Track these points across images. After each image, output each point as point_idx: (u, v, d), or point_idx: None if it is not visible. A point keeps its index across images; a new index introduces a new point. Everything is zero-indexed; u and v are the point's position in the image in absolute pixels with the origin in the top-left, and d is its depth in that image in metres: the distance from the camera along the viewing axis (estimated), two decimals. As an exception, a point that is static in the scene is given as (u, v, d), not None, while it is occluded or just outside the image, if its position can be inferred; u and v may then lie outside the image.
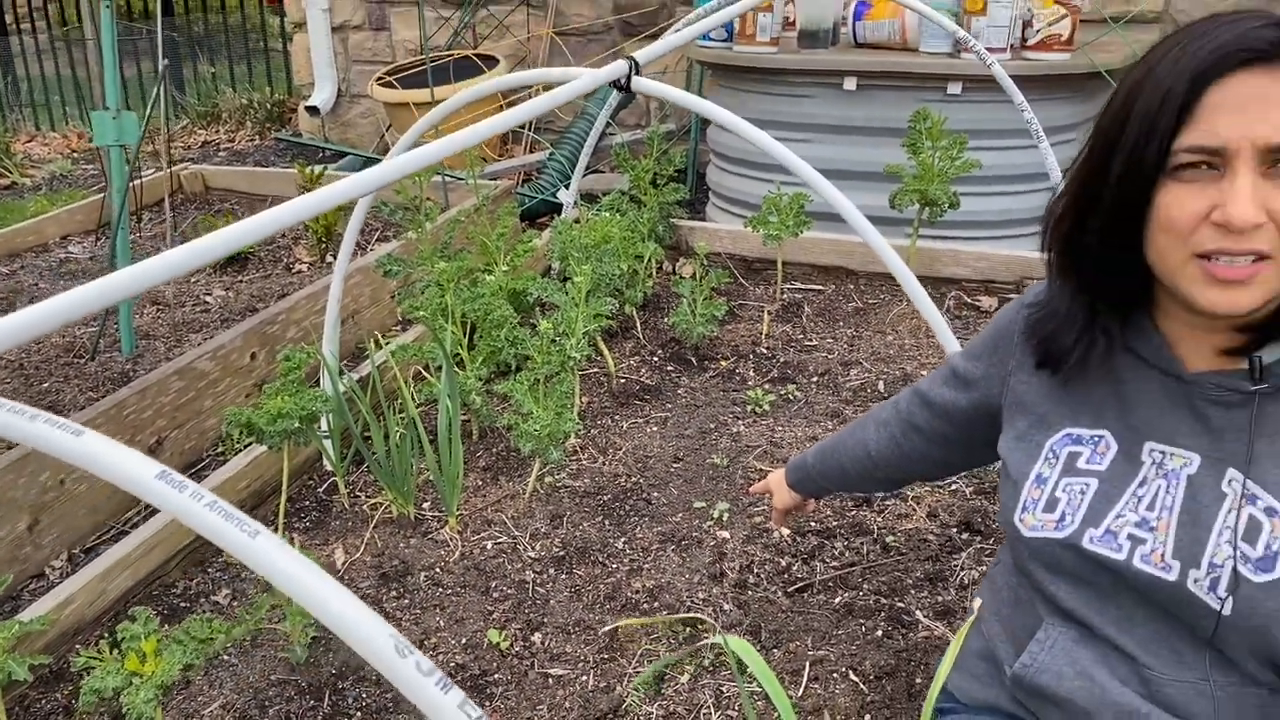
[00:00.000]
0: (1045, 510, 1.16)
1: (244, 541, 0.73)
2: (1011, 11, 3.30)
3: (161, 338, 3.28)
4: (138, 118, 3.06)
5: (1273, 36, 0.94)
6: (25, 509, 2.23)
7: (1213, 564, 1.04)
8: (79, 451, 0.76)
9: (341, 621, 0.72)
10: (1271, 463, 1.04)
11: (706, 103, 1.87)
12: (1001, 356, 1.27)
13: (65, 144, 6.65)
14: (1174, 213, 0.98)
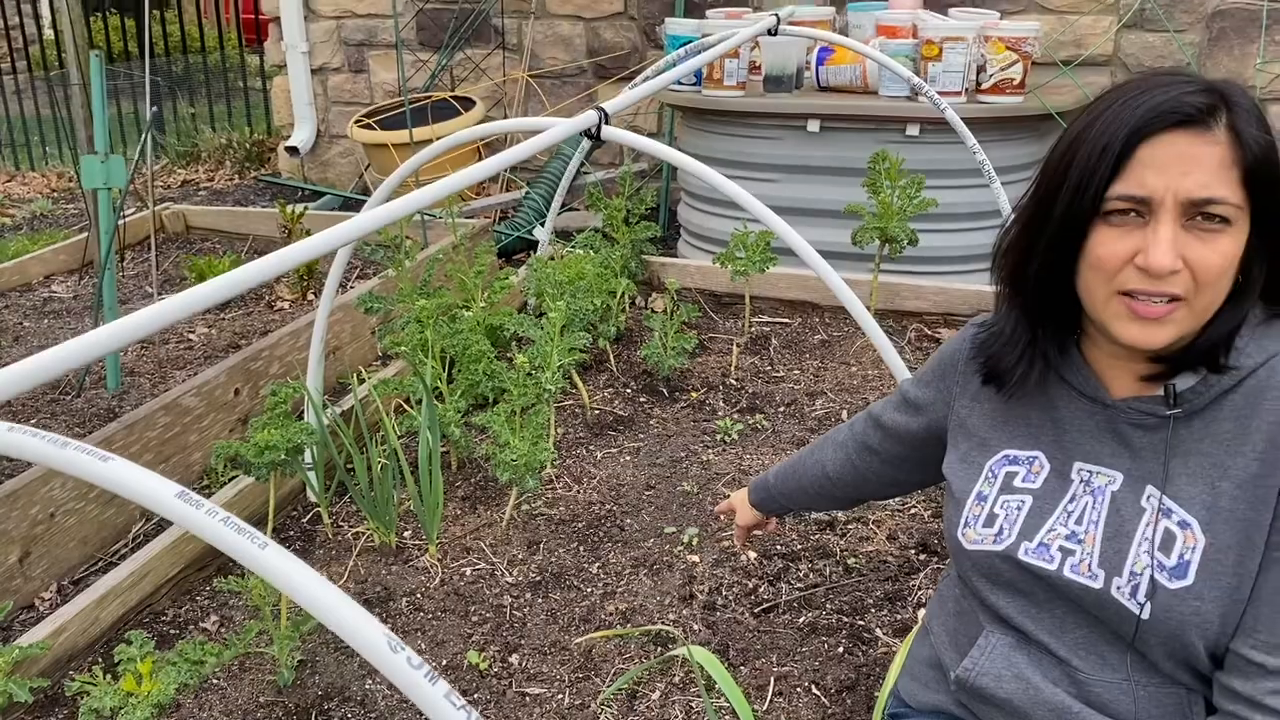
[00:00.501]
0: (985, 525, 1.26)
1: (254, 552, 0.82)
2: (966, 58, 3.46)
3: (146, 374, 3.36)
4: (125, 161, 3.15)
5: (1201, 103, 1.05)
6: (16, 541, 2.30)
7: (1133, 572, 1.15)
8: (107, 475, 0.86)
9: (341, 623, 0.82)
10: (1185, 480, 1.15)
11: (672, 150, 1.99)
12: (947, 384, 1.38)
13: (45, 184, 6.72)
14: (1102, 253, 1.10)
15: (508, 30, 5.14)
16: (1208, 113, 1.06)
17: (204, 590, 2.28)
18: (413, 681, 0.81)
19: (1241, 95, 1.09)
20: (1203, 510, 1.13)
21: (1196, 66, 4.22)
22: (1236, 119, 1.06)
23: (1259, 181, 1.06)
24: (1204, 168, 1.05)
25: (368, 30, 5.36)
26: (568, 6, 5.01)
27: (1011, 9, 4.38)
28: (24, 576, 2.33)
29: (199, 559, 2.32)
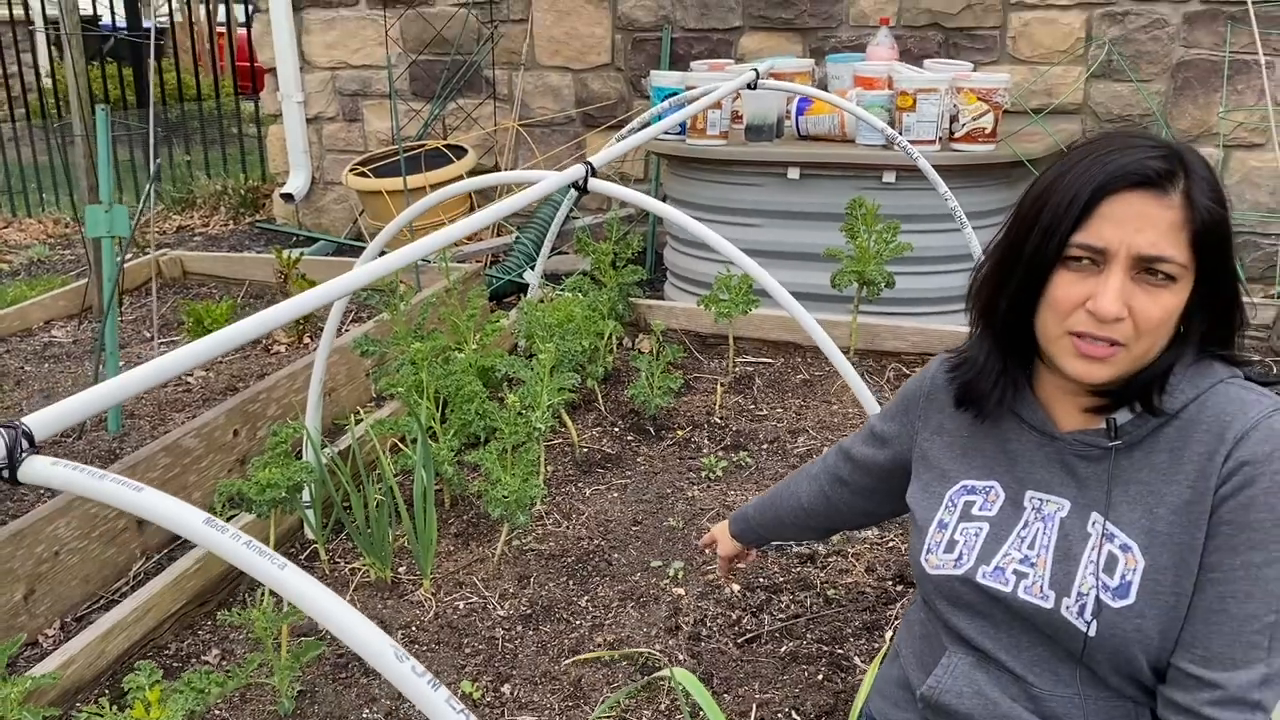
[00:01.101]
0: (946, 551, 1.36)
1: (274, 572, 0.92)
2: (939, 108, 3.60)
3: (146, 416, 3.44)
4: (128, 211, 3.26)
5: (1162, 168, 1.16)
6: (22, 579, 2.37)
7: (1080, 593, 1.25)
8: (140, 503, 0.95)
9: (353, 635, 0.91)
10: (1125, 506, 1.25)
11: (653, 200, 2.10)
12: (910, 418, 1.49)
13: (42, 230, 6.81)
14: (1059, 294, 1.21)
15: (498, 81, 5.29)
16: (1166, 178, 1.16)
17: (205, 625, 2.35)
18: (417, 687, 0.90)
19: (1200, 165, 1.20)
20: (1142, 534, 1.22)
21: (1162, 115, 4.39)
22: (1192, 186, 1.17)
23: (1206, 246, 1.17)
24: (1157, 228, 1.16)
25: (362, 81, 5.51)
26: (557, 59, 5.16)
27: (984, 60, 4.55)
28: (29, 614, 2.40)
29: (200, 595, 2.40)
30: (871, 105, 3.72)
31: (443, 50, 5.30)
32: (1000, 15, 4.52)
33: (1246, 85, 4.27)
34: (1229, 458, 1.19)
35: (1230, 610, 1.18)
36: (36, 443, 1.00)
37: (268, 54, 5.59)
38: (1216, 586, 1.19)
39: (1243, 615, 1.17)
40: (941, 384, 1.45)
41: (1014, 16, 4.50)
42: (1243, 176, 4.39)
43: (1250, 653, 1.17)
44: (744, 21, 4.86)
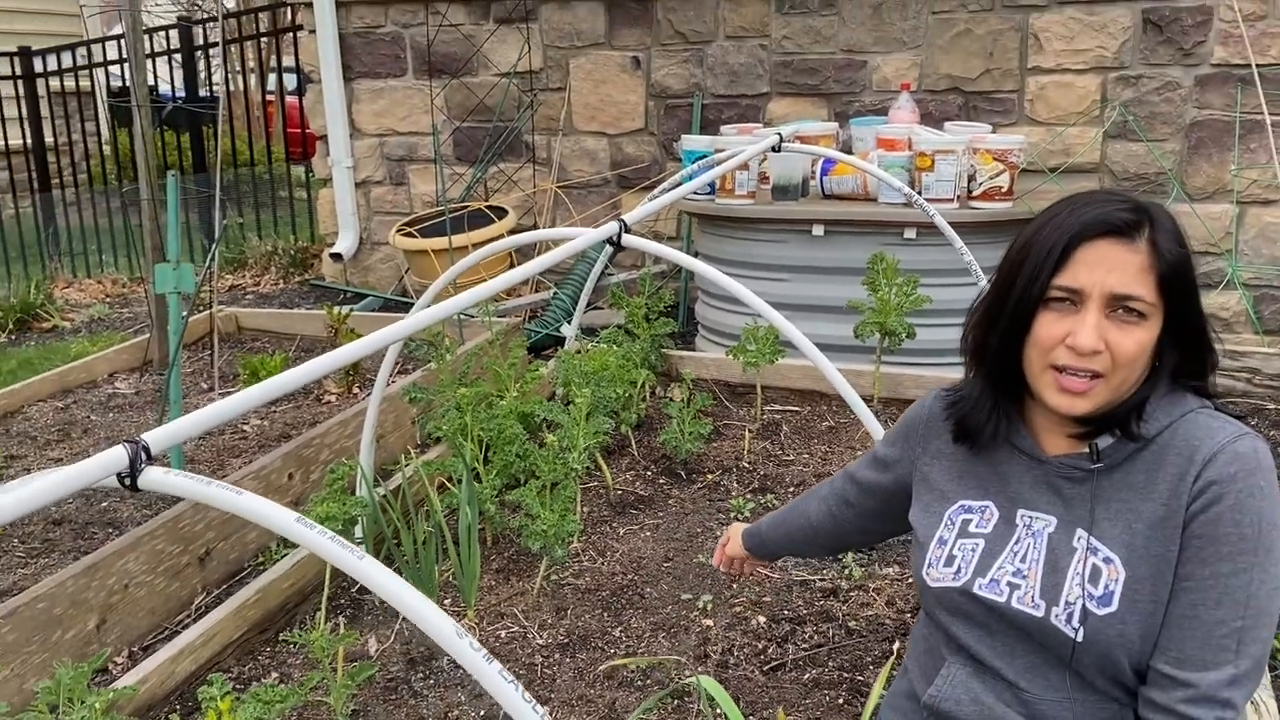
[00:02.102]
0: (945, 565, 1.50)
1: (354, 562, 1.09)
2: (956, 168, 3.78)
3: (205, 461, 3.65)
4: (193, 270, 3.50)
5: (1129, 219, 1.33)
6: (94, 609, 2.55)
7: (1068, 602, 1.38)
8: (240, 504, 1.13)
9: (420, 616, 1.07)
10: (1107, 523, 1.39)
11: (683, 255, 2.28)
12: (910, 444, 1.64)
13: (101, 289, 7.14)
14: (1042, 332, 1.37)
15: (538, 146, 5.55)
16: (1134, 227, 1.34)
17: (264, 651, 2.52)
18: (474, 660, 1.06)
19: (1164, 216, 1.37)
20: (1122, 548, 1.36)
21: (1178, 173, 4.53)
22: (1157, 234, 1.34)
23: (1171, 286, 1.34)
24: (1126, 270, 1.32)
25: (408, 146, 5.79)
26: (593, 124, 5.42)
27: (1003, 122, 4.74)
28: (99, 642, 2.57)
29: (259, 623, 2.57)
30: (892, 166, 3.90)
31: (485, 117, 5.58)
32: (1018, 79, 4.71)
33: (1259, 144, 4.42)
34: (1198, 478, 1.33)
35: (1201, 616, 1.31)
36: (152, 455, 1.19)
37: (320, 122, 5.90)
38: (1189, 595, 1.32)
39: (1212, 621, 1.30)
40: (939, 414, 1.60)
41: (1031, 80, 4.69)
42: (1259, 231, 4.52)
43: (1220, 655, 1.30)
44: (771, 88, 5.09)
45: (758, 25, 5.04)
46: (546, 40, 5.39)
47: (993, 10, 4.68)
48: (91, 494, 3.41)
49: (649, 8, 5.19)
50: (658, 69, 5.24)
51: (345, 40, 5.71)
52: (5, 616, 2.33)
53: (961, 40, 4.74)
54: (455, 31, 5.52)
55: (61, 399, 4.36)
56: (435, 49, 5.55)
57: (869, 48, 4.89)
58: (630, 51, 5.27)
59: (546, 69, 5.43)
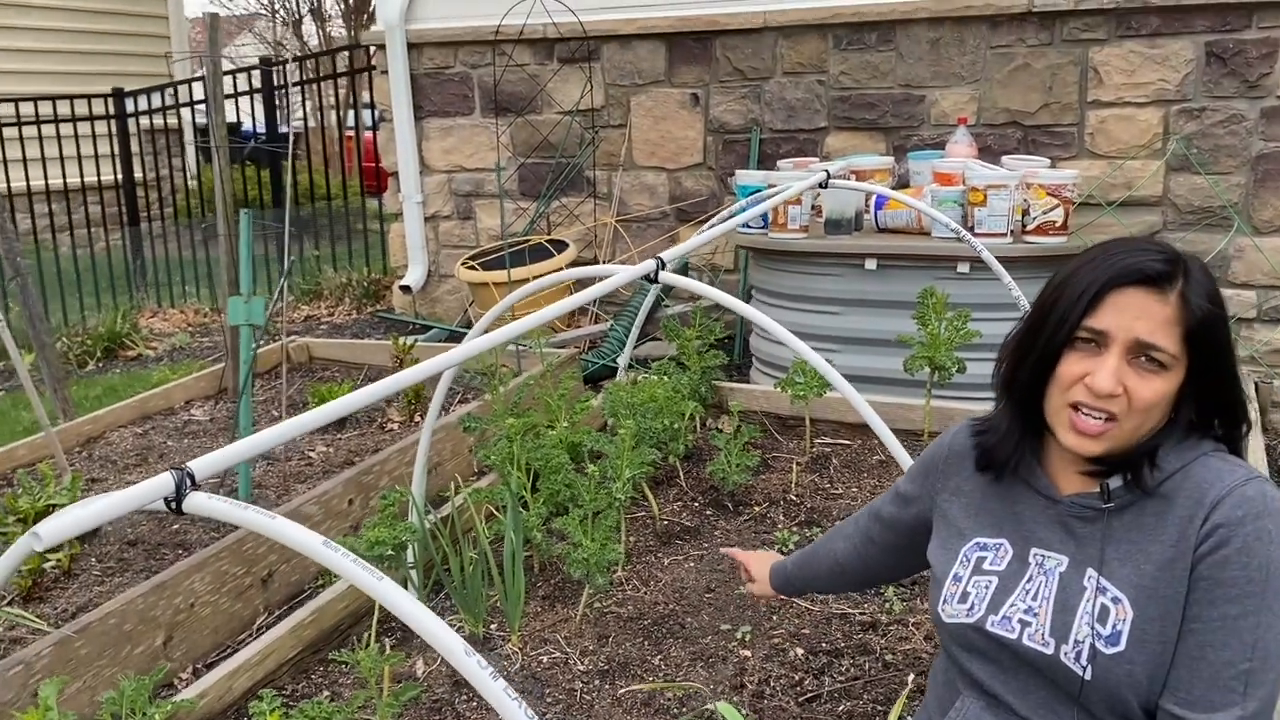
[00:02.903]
0: (960, 602, 1.54)
1: (372, 582, 1.17)
2: (1009, 203, 3.78)
3: (272, 487, 3.79)
4: (264, 302, 3.66)
5: (1162, 270, 1.36)
6: (162, 626, 2.68)
7: (1077, 640, 1.41)
8: (273, 528, 1.22)
9: (431, 634, 1.15)
10: (1117, 563, 1.42)
11: (714, 290, 2.34)
12: (930, 480, 1.68)
13: (184, 319, 7.44)
14: (1064, 370, 1.41)
15: (598, 180, 5.68)
16: (1166, 279, 1.37)
17: (318, 670, 2.63)
18: (481, 678, 1.13)
19: (1199, 271, 1.39)
20: (1131, 588, 1.39)
21: (1243, 206, 4.46)
22: (1189, 288, 1.37)
23: (1197, 341, 1.36)
24: (1153, 319, 1.35)
25: (475, 182, 5.96)
26: (653, 159, 5.52)
27: (1063, 155, 4.72)
28: (166, 657, 2.70)
29: (313, 643, 2.67)
30: (945, 200, 3.92)
31: (549, 154, 5.72)
32: (1077, 113, 4.69)
33: (1328, 176, 4.33)
34: (1206, 520, 1.35)
35: (1209, 658, 1.33)
36: (197, 482, 1.29)
37: (391, 159, 6.11)
38: (1196, 636, 1.34)
39: (1220, 662, 1.32)
40: (960, 449, 1.64)
41: (1091, 114, 4.67)
42: (1328, 265, 4.43)
43: (1228, 696, 1.32)
44: (829, 122, 5.14)
45: (815, 61, 5.10)
46: (608, 79, 5.52)
47: (1051, 44, 4.68)
48: (164, 517, 3.57)
49: (708, 46, 5.29)
50: (716, 105, 5.33)
51: (416, 80, 5.91)
52: (78, 631, 2.47)
53: (1020, 74, 4.74)
54: (521, 71, 5.69)
55: (141, 425, 4.56)
56: (502, 88, 5.72)
57: (927, 82, 4.92)
58: (689, 89, 5.37)
59: (608, 106, 5.56)
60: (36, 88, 8.38)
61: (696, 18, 5.24)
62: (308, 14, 17.58)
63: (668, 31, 5.32)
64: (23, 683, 2.34)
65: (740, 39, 5.21)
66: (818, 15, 5.02)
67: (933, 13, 4.80)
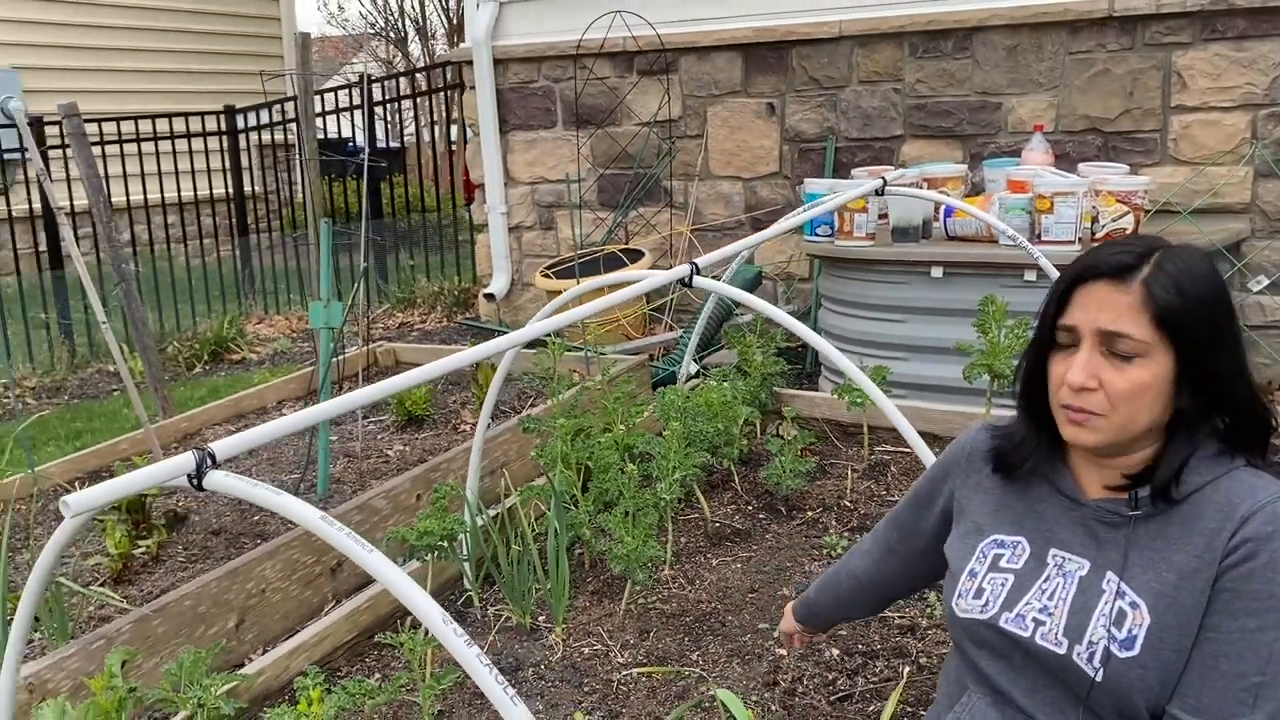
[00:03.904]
0: (974, 598, 1.56)
1: (362, 554, 1.27)
2: (1076, 210, 3.73)
3: (349, 483, 3.98)
4: (343, 307, 3.85)
5: (1123, 261, 1.39)
6: (235, 611, 2.86)
7: (1090, 642, 1.42)
8: (279, 504, 1.33)
9: (410, 600, 1.24)
10: (1138, 569, 1.42)
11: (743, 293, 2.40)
12: (952, 475, 1.70)
13: (287, 325, 7.78)
14: (1051, 373, 1.45)
15: (675, 190, 5.77)
16: (1127, 270, 1.39)
17: (372, 654, 2.77)
18: (456, 644, 1.22)
19: (1173, 260, 1.39)
20: (1150, 595, 1.39)
21: (1336, 211, 4.30)
22: (1155, 276, 1.38)
23: (1172, 327, 1.36)
24: (1116, 308, 1.38)
25: (556, 193, 6.11)
26: (728, 169, 5.59)
27: (1145, 162, 4.62)
28: (238, 639, 2.87)
29: (368, 628, 2.81)
30: (1012, 208, 3.89)
31: (627, 164, 5.84)
32: (1160, 118, 4.59)
33: None
34: (1235, 534, 1.36)
35: (1222, 668, 1.33)
36: (218, 461, 1.41)
37: (478, 171, 6.31)
38: (1212, 645, 1.34)
39: (1233, 673, 1.33)
40: (982, 447, 1.67)
41: (1175, 119, 4.56)
42: None
43: (1236, 707, 1.32)
44: (905, 130, 5.13)
45: (891, 70, 5.10)
46: (685, 90, 5.61)
47: (1133, 49, 4.58)
48: (246, 509, 3.78)
49: (784, 56, 5.33)
50: (792, 114, 5.37)
51: (502, 95, 6.10)
52: (156, 611, 2.65)
53: (1100, 80, 4.66)
54: (601, 84, 5.82)
55: (235, 423, 4.82)
56: (582, 101, 5.86)
57: (1004, 89, 4.87)
58: (766, 98, 5.42)
59: (685, 117, 5.65)
60: (155, 106, 8.90)
61: (773, 28, 5.30)
62: (414, 34, 18.16)
63: (744, 42, 5.39)
64: (103, 656, 2.52)
65: (816, 48, 5.24)
66: (893, 23, 5.02)
67: (1010, 19, 4.76)
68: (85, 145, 4.25)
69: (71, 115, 4.16)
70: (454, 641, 1.21)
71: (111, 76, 10.44)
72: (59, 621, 2.80)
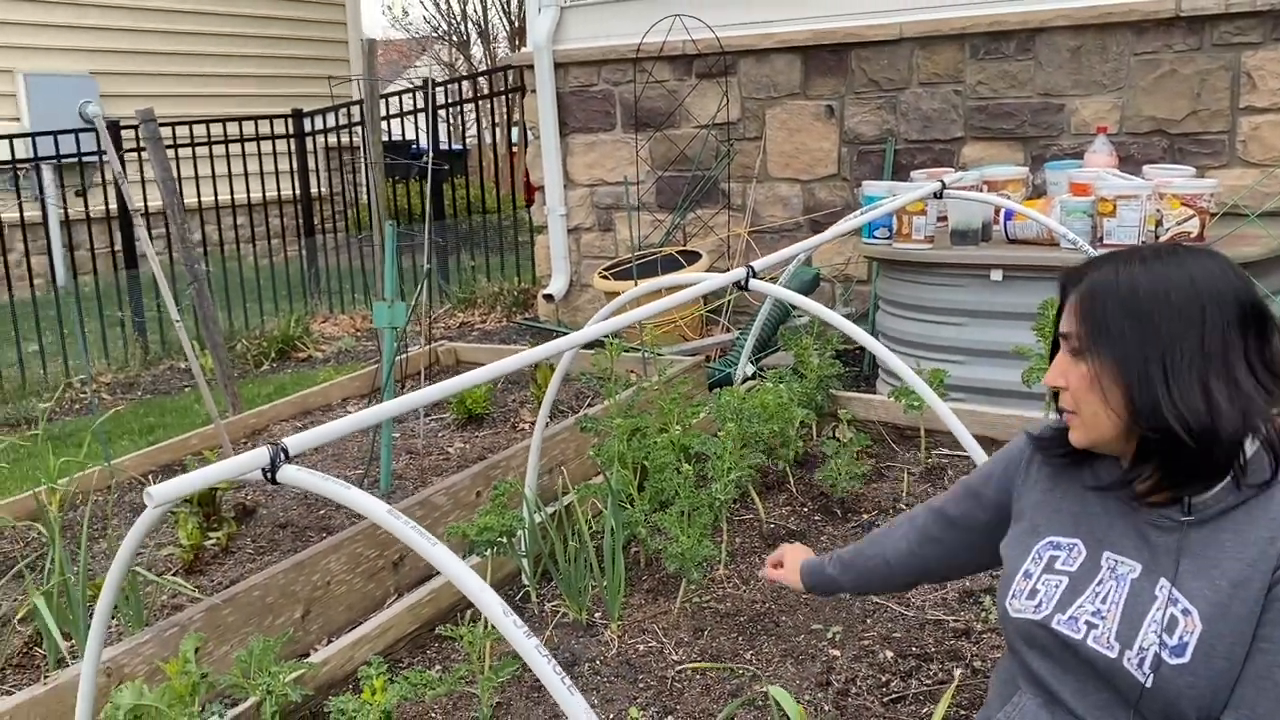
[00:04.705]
0: (1028, 598, 1.57)
1: (427, 547, 1.32)
2: (1140, 213, 3.69)
3: (411, 479, 4.07)
4: (407, 307, 3.94)
5: (1081, 266, 1.48)
6: (301, 602, 2.95)
7: (1141, 647, 1.42)
8: (346, 496, 1.39)
9: (472, 591, 1.29)
10: (1190, 575, 1.42)
11: (798, 296, 2.42)
12: (1009, 475, 1.72)
13: (351, 324, 7.94)
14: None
15: (733, 192, 5.79)
16: (1081, 273, 1.49)
17: (433, 646, 2.83)
18: (514, 633, 1.27)
19: (1117, 263, 1.47)
20: (1203, 602, 1.39)
21: None
22: (1085, 278, 1.47)
23: (1091, 324, 1.44)
24: (1068, 310, 1.49)
25: (615, 195, 6.17)
26: (787, 171, 5.59)
27: (1213, 164, 4.54)
28: (304, 630, 2.96)
29: (430, 621, 2.88)
30: (1073, 211, 3.85)
31: (685, 167, 5.87)
32: (1228, 119, 4.51)
33: None
34: None
35: (1276, 678, 1.34)
36: (291, 456, 1.48)
37: (538, 174, 6.39)
38: (1266, 656, 1.35)
39: None
40: (1034, 460, 1.68)
41: (1244, 120, 4.48)
42: None
43: None
44: (965, 132, 5.09)
45: (952, 71, 5.07)
46: (744, 92, 5.63)
47: (1200, 50, 4.51)
48: (312, 502, 3.89)
49: (843, 58, 5.33)
50: (851, 116, 5.36)
51: (562, 99, 6.17)
52: (226, 601, 2.75)
53: (1166, 81, 4.59)
54: (660, 87, 5.86)
55: (301, 419, 4.94)
56: (641, 104, 5.91)
57: (1067, 91, 4.82)
58: (825, 100, 5.42)
59: (743, 119, 5.67)
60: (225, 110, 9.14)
61: (833, 30, 5.30)
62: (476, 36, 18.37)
63: (804, 45, 5.39)
64: (177, 642, 2.62)
65: (876, 50, 5.23)
66: (955, 25, 4.99)
67: (1074, 20, 4.71)
68: (161, 148, 4.40)
69: (149, 120, 4.31)
70: (513, 632, 1.25)
71: (183, 81, 10.73)
72: (135, 609, 2.91)
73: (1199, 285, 1.41)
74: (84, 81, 9.99)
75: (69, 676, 2.41)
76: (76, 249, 8.17)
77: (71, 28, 10.07)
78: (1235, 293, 1.42)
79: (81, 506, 3.96)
